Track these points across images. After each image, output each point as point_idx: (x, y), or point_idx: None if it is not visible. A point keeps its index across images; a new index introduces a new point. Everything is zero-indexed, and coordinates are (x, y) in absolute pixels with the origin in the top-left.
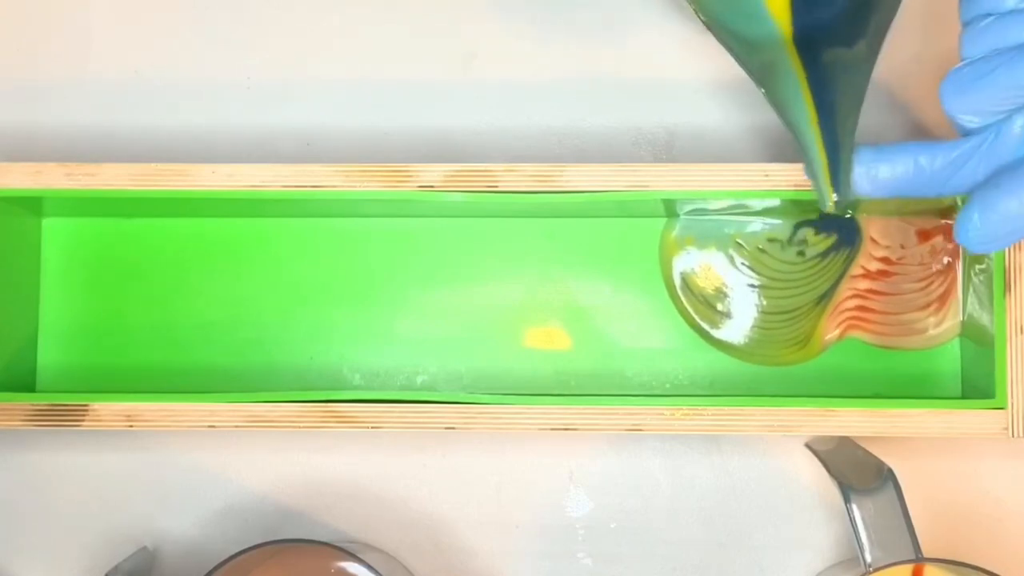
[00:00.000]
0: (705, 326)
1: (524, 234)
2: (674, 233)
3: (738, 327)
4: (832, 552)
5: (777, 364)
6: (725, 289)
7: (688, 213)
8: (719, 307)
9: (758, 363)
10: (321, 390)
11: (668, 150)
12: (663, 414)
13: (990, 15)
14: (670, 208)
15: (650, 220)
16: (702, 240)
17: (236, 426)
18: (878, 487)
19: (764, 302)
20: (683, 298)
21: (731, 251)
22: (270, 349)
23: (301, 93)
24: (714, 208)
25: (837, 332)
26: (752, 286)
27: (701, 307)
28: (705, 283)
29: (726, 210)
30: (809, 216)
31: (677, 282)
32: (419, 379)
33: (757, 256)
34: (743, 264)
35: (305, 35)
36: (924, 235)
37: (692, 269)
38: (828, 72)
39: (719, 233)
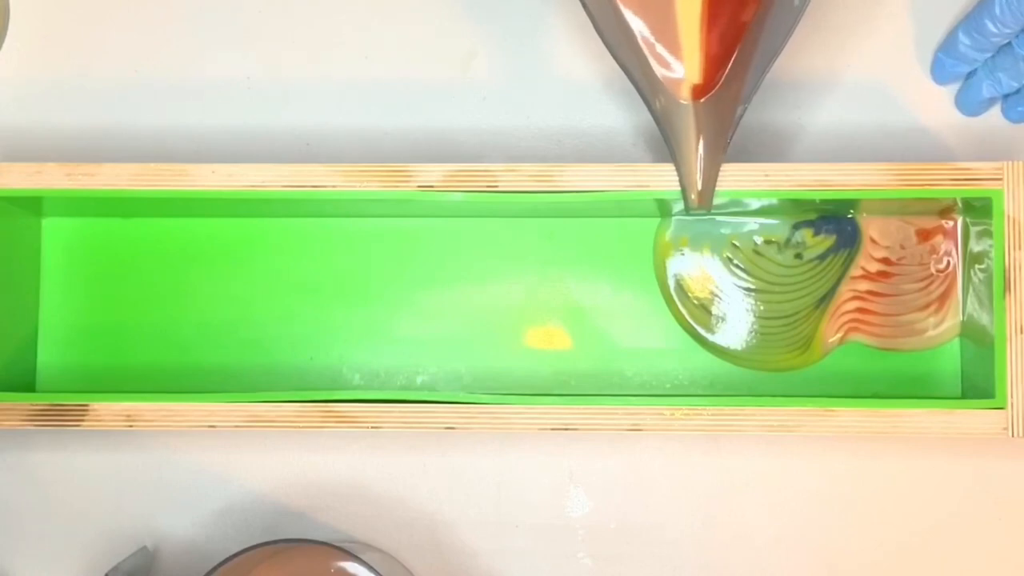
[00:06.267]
0: (701, 331)
1: (524, 234)
2: (668, 234)
3: (736, 332)
4: (832, 552)
5: (779, 370)
6: (720, 293)
7: (682, 213)
8: (714, 311)
9: (759, 369)
10: (321, 390)
11: (667, 150)
12: (663, 414)
13: None
14: (665, 209)
15: (650, 220)
16: (696, 242)
17: (236, 426)
18: None
19: (761, 306)
20: (678, 302)
21: (727, 253)
22: (270, 349)
23: (301, 93)
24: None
25: (838, 336)
26: (748, 290)
27: (696, 311)
28: (699, 287)
29: (722, 209)
30: (807, 216)
31: (671, 285)
32: (419, 379)
33: (753, 259)
34: (738, 267)
35: (305, 35)
36: (924, 235)
37: (686, 272)
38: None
39: (714, 234)
